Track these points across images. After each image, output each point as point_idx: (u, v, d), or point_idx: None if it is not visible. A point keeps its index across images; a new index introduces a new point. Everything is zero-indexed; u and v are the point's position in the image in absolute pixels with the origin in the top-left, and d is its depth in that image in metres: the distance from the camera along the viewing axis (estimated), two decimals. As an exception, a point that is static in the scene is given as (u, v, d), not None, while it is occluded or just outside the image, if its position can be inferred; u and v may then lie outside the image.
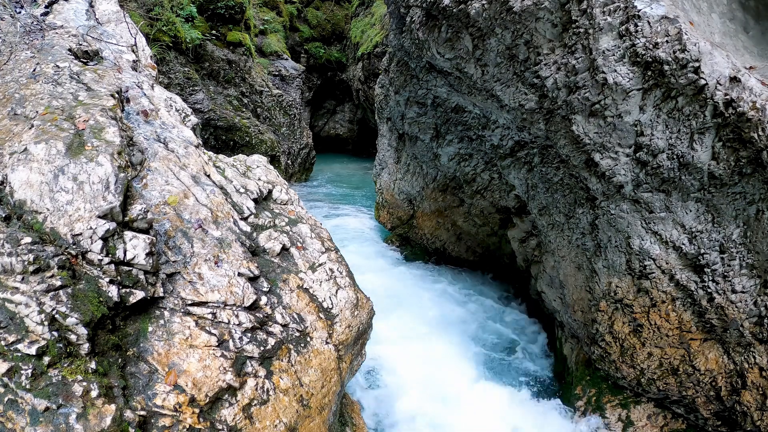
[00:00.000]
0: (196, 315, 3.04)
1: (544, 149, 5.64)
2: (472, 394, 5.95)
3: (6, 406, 2.22)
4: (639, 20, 3.73)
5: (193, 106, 11.92)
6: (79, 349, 2.48)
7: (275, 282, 3.58)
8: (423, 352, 6.66)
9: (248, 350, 3.07)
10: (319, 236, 4.20)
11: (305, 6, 22.17)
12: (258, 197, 4.16)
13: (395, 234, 10.76)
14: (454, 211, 9.20)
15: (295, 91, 17.87)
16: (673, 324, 4.48)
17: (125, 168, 3.13)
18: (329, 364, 3.49)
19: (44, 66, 3.61)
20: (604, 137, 4.22)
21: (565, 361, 6.25)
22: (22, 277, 2.48)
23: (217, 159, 4.32)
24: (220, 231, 3.53)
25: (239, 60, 13.75)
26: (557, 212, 5.73)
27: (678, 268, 4.35)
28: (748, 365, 4.09)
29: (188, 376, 2.77)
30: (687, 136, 3.85)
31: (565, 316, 5.98)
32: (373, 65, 17.23)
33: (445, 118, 7.48)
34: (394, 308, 7.64)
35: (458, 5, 4.94)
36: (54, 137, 2.96)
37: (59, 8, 4.67)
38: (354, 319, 3.81)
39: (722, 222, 4.05)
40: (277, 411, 3.02)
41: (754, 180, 3.75)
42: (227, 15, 13.34)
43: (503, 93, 5.08)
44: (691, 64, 3.60)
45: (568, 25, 4.13)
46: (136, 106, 4.10)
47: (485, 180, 7.96)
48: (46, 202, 2.74)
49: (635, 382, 4.84)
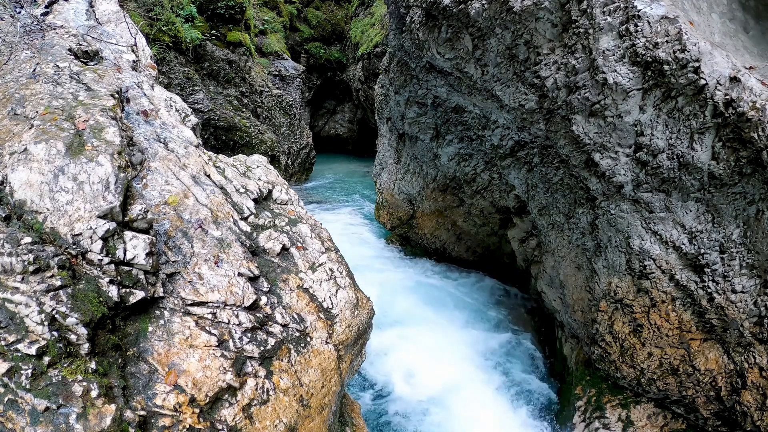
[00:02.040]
0: (196, 315, 3.04)
1: (544, 149, 5.64)
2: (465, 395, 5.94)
3: (6, 406, 2.22)
4: (639, 20, 3.73)
5: (193, 106, 11.92)
6: (79, 349, 2.48)
7: (275, 282, 3.58)
8: (422, 351, 6.66)
9: (248, 350, 3.07)
10: (319, 236, 4.20)
11: (305, 6, 22.17)
12: (258, 197, 4.16)
13: (395, 234, 10.76)
14: (454, 211, 9.20)
15: (295, 91, 17.88)
16: (673, 324, 4.48)
17: (125, 168, 3.12)
18: (329, 364, 3.49)
19: (44, 66, 3.61)
20: (604, 137, 4.22)
21: (565, 361, 6.25)
22: (22, 277, 2.48)
23: (217, 159, 4.32)
24: (220, 231, 3.53)
25: (239, 60, 13.75)
26: (557, 212, 5.73)
27: (678, 268, 4.35)
28: (748, 365, 4.09)
29: (188, 376, 2.77)
30: (687, 136, 3.85)
31: (565, 316, 5.98)
32: (373, 65, 17.23)
33: (445, 118, 7.48)
34: (394, 309, 7.64)
35: (458, 5, 4.94)
36: (54, 137, 2.96)
37: (59, 8, 4.67)
38: (354, 319, 3.81)
39: (722, 222, 4.05)
40: (277, 411, 3.02)
41: (754, 180, 3.74)
42: (227, 15, 13.34)
43: (503, 93, 5.08)
44: (691, 64, 3.60)
45: (568, 25, 4.13)
46: (136, 106, 4.10)
47: (485, 180, 7.96)
48: (46, 202, 2.74)
49: (635, 382, 4.84)
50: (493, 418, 5.57)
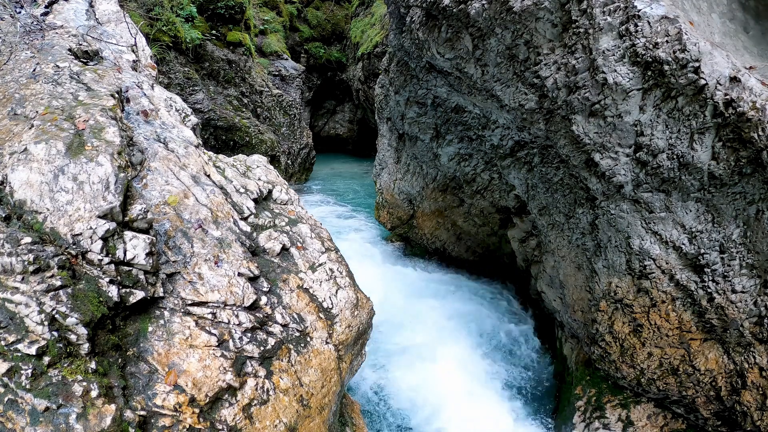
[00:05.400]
0: (196, 315, 3.04)
1: (544, 149, 5.64)
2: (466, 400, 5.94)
3: (6, 406, 2.22)
4: (639, 20, 3.73)
5: (193, 106, 11.92)
6: (79, 349, 2.48)
7: (275, 282, 3.58)
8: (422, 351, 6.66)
9: (248, 350, 3.07)
10: (319, 236, 4.20)
11: (305, 6, 22.16)
12: (258, 197, 4.16)
13: (395, 234, 10.76)
14: (454, 211, 9.20)
15: (295, 91, 17.87)
16: (673, 324, 4.48)
17: (125, 168, 3.12)
18: (329, 364, 3.49)
19: (44, 66, 3.61)
20: (604, 137, 4.22)
21: (565, 361, 6.25)
22: (22, 277, 2.48)
23: (217, 159, 4.32)
24: (220, 231, 3.53)
25: (239, 60, 13.75)
26: (557, 212, 5.73)
27: (678, 268, 4.35)
28: (748, 365, 4.09)
29: (188, 376, 2.77)
30: (687, 136, 3.85)
31: (565, 316, 5.98)
32: (373, 65, 17.22)
33: (445, 118, 7.48)
34: (393, 308, 7.64)
35: (458, 5, 4.94)
36: (54, 137, 2.96)
37: (59, 8, 4.67)
38: (354, 319, 3.81)
39: (722, 222, 4.05)
40: (277, 411, 3.02)
41: (754, 180, 3.75)
42: (227, 15, 13.34)
43: (503, 93, 5.08)
44: (691, 64, 3.60)
45: (568, 25, 4.13)
46: (136, 106, 4.10)
47: (485, 180, 7.96)
48: (46, 202, 2.74)
49: (635, 382, 4.84)
50: (491, 417, 5.56)
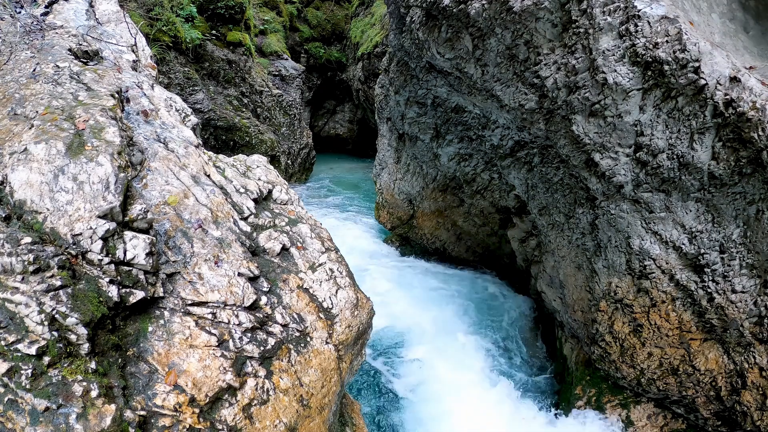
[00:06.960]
0: (196, 315, 3.04)
1: (544, 149, 5.64)
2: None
3: (6, 406, 2.22)
4: (639, 20, 3.73)
5: (193, 106, 11.92)
6: (79, 349, 2.48)
7: (275, 282, 3.57)
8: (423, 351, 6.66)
9: (248, 350, 3.07)
10: (319, 236, 4.20)
11: (305, 6, 22.16)
12: (258, 197, 4.16)
13: (395, 234, 10.76)
14: (454, 211, 9.20)
15: (295, 91, 17.86)
16: (673, 324, 4.48)
17: (125, 168, 3.12)
18: (329, 364, 3.49)
19: (44, 66, 3.61)
20: (604, 137, 4.22)
21: (565, 361, 6.25)
22: (22, 277, 2.48)
23: (217, 159, 4.32)
24: (220, 231, 3.53)
25: (239, 60, 13.75)
26: (557, 212, 5.73)
27: (678, 268, 4.35)
28: (748, 365, 4.09)
29: (188, 376, 2.77)
30: (687, 136, 3.85)
31: (565, 316, 5.98)
32: (373, 65, 17.21)
33: (445, 118, 7.48)
34: (393, 308, 7.64)
35: (458, 5, 4.94)
36: (54, 137, 2.96)
37: (59, 8, 4.67)
38: (354, 319, 3.81)
39: (722, 222, 4.05)
40: (277, 411, 3.02)
41: (754, 180, 3.74)
42: (227, 15, 13.34)
43: (503, 93, 5.08)
44: (691, 64, 3.60)
45: (568, 25, 4.13)
46: (136, 106, 4.10)
47: (485, 180, 7.96)
48: (46, 202, 2.74)
49: (635, 382, 4.84)
50: (491, 417, 5.56)
